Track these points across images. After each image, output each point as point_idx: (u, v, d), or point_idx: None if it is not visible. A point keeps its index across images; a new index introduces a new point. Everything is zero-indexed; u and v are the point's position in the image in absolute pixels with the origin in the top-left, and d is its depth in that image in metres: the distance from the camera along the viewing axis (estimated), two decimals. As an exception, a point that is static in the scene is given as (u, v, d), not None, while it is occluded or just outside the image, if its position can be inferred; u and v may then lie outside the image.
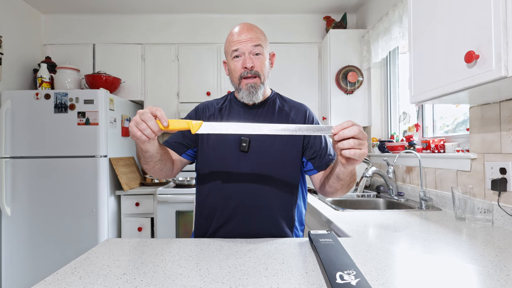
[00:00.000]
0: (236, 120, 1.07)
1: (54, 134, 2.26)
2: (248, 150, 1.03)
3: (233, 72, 1.04)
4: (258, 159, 1.03)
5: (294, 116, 1.09)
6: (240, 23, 1.05)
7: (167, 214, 2.36)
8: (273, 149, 1.03)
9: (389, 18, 2.08)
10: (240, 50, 1.00)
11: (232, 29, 1.05)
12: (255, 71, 1.01)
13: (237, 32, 1.02)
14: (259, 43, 1.01)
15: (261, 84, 1.03)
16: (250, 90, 1.02)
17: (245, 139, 1.03)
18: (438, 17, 1.08)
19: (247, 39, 1.00)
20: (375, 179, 2.39)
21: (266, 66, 1.04)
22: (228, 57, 1.06)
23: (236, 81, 1.04)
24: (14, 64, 2.53)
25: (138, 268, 0.73)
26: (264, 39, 1.04)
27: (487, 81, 0.85)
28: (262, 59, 1.02)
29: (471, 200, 1.26)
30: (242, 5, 2.76)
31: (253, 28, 1.03)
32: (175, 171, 1.10)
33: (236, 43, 1.01)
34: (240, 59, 1.01)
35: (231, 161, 1.04)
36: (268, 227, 1.03)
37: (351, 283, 0.59)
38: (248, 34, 1.01)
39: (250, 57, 1.00)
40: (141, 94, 2.81)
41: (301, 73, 2.85)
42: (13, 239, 2.24)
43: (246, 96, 1.03)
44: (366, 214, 1.43)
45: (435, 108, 1.91)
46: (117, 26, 2.89)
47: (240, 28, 1.03)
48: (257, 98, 1.04)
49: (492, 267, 0.76)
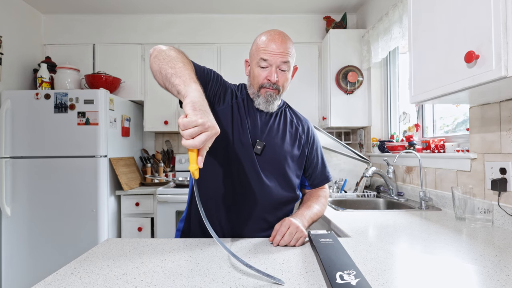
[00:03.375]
0: (252, 123, 1.05)
1: (54, 134, 2.26)
2: (262, 153, 1.03)
3: (256, 78, 1.03)
4: (268, 164, 1.04)
5: (301, 130, 1.13)
6: (273, 31, 1.02)
7: (167, 214, 2.36)
8: (284, 155, 1.06)
9: (389, 18, 2.08)
10: (269, 61, 0.99)
11: (265, 34, 1.01)
12: (276, 86, 1.01)
13: (270, 40, 0.99)
14: (288, 60, 1.00)
15: (278, 96, 1.04)
16: (268, 99, 1.02)
17: (261, 142, 1.03)
18: (438, 17, 1.08)
19: (279, 52, 0.98)
20: (375, 179, 2.39)
21: (288, 82, 1.05)
22: (253, 60, 1.03)
23: (255, 87, 1.04)
24: (14, 64, 2.53)
25: (138, 268, 0.73)
26: (293, 55, 1.03)
27: (487, 81, 0.85)
28: (286, 75, 1.02)
29: (471, 200, 1.26)
30: (242, 5, 2.76)
31: (287, 41, 1.01)
32: None
33: (266, 53, 0.98)
34: (266, 70, 1.00)
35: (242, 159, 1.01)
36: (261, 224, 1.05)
37: (351, 283, 0.59)
38: (281, 47, 0.98)
39: (276, 71, 1.00)
40: (141, 94, 2.81)
41: (301, 73, 2.84)
42: (13, 239, 2.24)
43: (263, 103, 1.04)
44: (366, 214, 1.43)
45: (435, 108, 1.91)
46: (117, 26, 2.89)
47: (274, 37, 1.00)
48: (272, 108, 1.06)
49: (492, 267, 0.76)
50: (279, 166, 1.05)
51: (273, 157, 1.04)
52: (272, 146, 1.05)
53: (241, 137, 1.02)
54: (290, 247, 0.89)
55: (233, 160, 1.00)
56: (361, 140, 2.76)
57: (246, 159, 1.01)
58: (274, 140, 1.05)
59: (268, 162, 1.04)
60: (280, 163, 1.05)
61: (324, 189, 1.20)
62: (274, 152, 1.04)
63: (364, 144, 2.69)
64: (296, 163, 1.09)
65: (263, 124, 1.07)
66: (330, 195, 2.05)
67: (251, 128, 1.04)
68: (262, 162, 1.03)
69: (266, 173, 1.02)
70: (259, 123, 1.07)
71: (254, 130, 1.05)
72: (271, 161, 1.04)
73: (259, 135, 1.05)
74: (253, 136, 1.03)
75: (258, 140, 1.04)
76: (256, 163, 1.01)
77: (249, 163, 1.01)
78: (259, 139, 1.04)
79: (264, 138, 1.05)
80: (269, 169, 1.03)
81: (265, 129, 1.06)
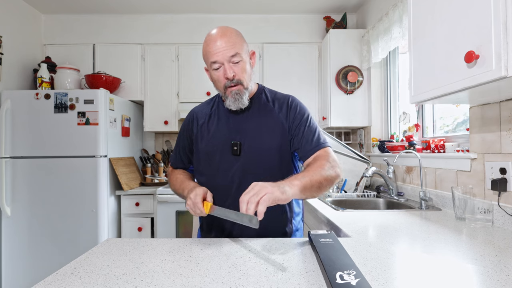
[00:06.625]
0: (225, 127, 1.09)
1: (54, 134, 2.26)
2: (240, 153, 1.05)
3: (216, 82, 1.05)
4: (251, 161, 1.05)
5: (277, 108, 1.09)
6: (212, 30, 1.02)
7: (167, 214, 2.36)
8: (263, 147, 1.05)
9: (389, 18, 2.08)
10: (218, 61, 0.99)
11: (206, 37, 1.02)
12: (236, 80, 1.01)
13: (210, 40, 1.00)
14: (235, 52, 0.99)
15: (245, 90, 1.03)
16: (235, 97, 1.03)
17: (236, 142, 1.05)
18: (438, 17, 1.08)
19: (223, 48, 0.98)
20: (375, 179, 2.39)
21: (248, 71, 1.04)
22: (208, 67, 1.05)
23: (221, 90, 1.05)
24: (14, 64, 2.53)
25: (138, 268, 0.73)
26: (240, 42, 1.01)
27: (487, 81, 0.85)
28: (242, 65, 1.01)
29: (471, 200, 1.26)
30: (242, 5, 2.76)
31: (226, 33, 1.00)
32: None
33: (213, 55, 0.99)
34: (221, 69, 1.01)
35: (224, 166, 1.06)
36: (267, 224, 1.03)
37: (351, 283, 0.59)
38: (222, 42, 0.98)
39: (230, 66, 0.99)
40: (141, 94, 2.81)
41: (301, 73, 2.84)
42: (13, 239, 2.24)
43: (232, 103, 1.04)
44: (366, 214, 1.43)
45: (435, 108, 1.91)
46: (117, 26, 2.89)
47: (212, 36, 1.00)
48: (243, 104, 1.04)
49: (492, 267, 0.76)
50: (263, 159, 1.04)
51: (254, 152, 1.04)
52: (249, 142, 1.05)
53: (216, 144, 1.07)
54: (290, 248, 0.88)
55: (215, 169, 1.08)
56: (361, 140, 2.76)
57: (225, 164, 1.06)
58: (250, 134, 1.05)
59: (251, 159, 1.04)
60: (263, 156, 1.04)
61: (319, 152, 1.03)
62: (252, 147, 1.04)
63: (364, 144, 2.69)
64: (280, 148, 1.05)
65: (237, 123, 1.08)
66: (330, 194, 2.04)
67: (225, 131, 1.07)
68: (244, 161, 1.04)
69: (251, 171, 1.03)
70: (232, 123, 1.08)
71: (229, 132, 1.07)
72: (253, 157, 1.04)
73: (234, 136, 1.06)
74: (228, 139, 1.06)
75: (233, 141, 1.05)
76: (235, 165, 1.04)
77: (229, 166, 1.05)
78: (233, 140, 1.05)
79: (239, 137, 1.05)
80: (254, 166, 1.04)
81: (240, 127, 1.07)
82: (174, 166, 1.24)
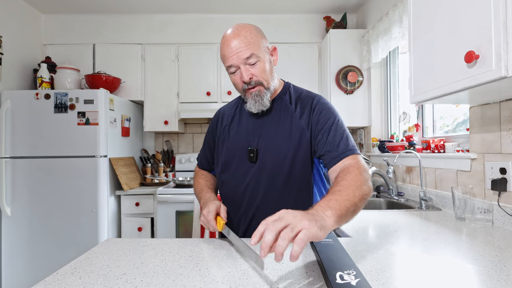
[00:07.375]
0: (244, 131, 1.05)
1: (54, 134, 2.26)
2: (256, 160, 1.00)
3: (235, 85, 1.01)
4: (265, 169, 0.99)
5: (299, 111, 1.01)
6: (229, 29, 0.97)
7: (167, 214, 2.36)
8: (278, 156, 0.98)
9: (389, 18, 2.08)
10: (234, 65, 0.95)
11: (222, 38, 0.98)
12: (255, 81, 0.96)
13: (224, 44, 0.96)
14: (251, 53, 0.93)
15: (266, 90, 0.98)
16: (255, 99, 0.98)
17: (253, 149, 1.01)
18: (438, 17, 1.08)
19: (237, 50, 0.93)
20: (375, 179, 2.39)
21: (267, 70, 0.98)
22: (226, 70, 1.01)
23: (241, 93, 1.02)
24: (14, 64, 2.53)
25: (138, 268, 0.73)
26: (256, 41, 0.95)
27: (487, 81, 0.85)
28: (259, 66, 0.96)
29: (471, 200, 1.26)
30: (242, 5, 2.76)
31: (240, 33, 0.94)
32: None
33: (227, 58, 0.95)
34: (237, 73, 0.97)
35: (240, 172, 1.03)
36: None
37: (351, 283, 0.59)
38: (235, 43, 0.93)
39: (246, 69, 0.94)
40: (141, 94, 2.81)
41: (301, 73, 2.84)
42: (13, 239, 2.24)
43: (253, 105, 0.99)
44: (366, 214, 1.43)
45: (435, 108, 1.91)
46: (117, 26, 2.88)
47: (226, 39, 0.96)
48: (264, 106, 0.99)
49: (492, 267, 0.76)
50: (277, 168, 0.98)
51: (268, 161, 0.98)
52: (265, 149, 0.99)
53: (234, 151, 1.05)
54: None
55: (231, 175, 1.06)
56: (361, 140, 2.76)
57: (241, 170, 1.03)
58: (267, 140, 1.00)
59: (265, 168, 0.99)
60: (276, 165, 0.98)
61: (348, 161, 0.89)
62: (267, 155, 0.99)
63: (364, 144, 2.69)
64: (298, 157, 0.97)
65: (256, 127, 1.03)
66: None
67: (244, 136, 1.04)
68: (258, 169, 0.99)
69: (264, 180, 0.98)
70: (252, 128, 1.03)
71: (247, 137, 1.03)
72: (267, 166, 0.98)
73: (252, 141, 1.02)
74: (245, 145, 1.03)
75: (250, 147, 1.01)
76: (250, 173, 1.00)
77: (244, 173, 1.02)
78: (251, 146, 1.01)
79: (257, 143, 1.01)
80: (267, 175, 0.98)
81: (259, 132, 1.02)
82: (200, 165, 1.23)
